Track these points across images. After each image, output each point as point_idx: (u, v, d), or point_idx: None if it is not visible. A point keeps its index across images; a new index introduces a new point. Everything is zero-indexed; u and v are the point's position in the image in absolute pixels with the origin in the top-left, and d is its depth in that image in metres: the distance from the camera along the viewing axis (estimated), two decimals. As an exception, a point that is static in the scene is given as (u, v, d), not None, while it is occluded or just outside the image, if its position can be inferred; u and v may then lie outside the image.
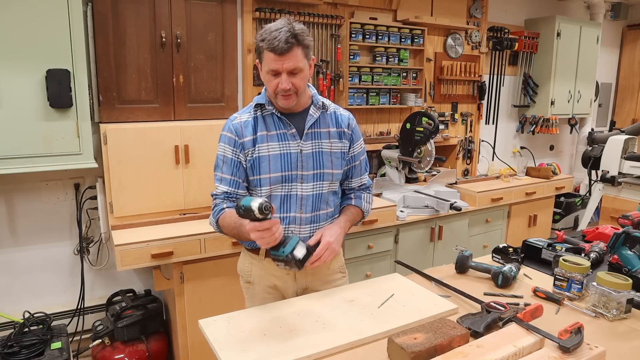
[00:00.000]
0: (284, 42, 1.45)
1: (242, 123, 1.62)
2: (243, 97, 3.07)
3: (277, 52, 1.46)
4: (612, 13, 5.09)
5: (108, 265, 2.85)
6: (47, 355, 2.25)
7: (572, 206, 4.44)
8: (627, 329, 1.41)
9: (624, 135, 4.03)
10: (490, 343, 1.19)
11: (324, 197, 1.66)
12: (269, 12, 2.99)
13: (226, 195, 1.62)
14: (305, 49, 1.52)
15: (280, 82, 1.51)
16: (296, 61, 1.49)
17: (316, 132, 1.65)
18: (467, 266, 1.81)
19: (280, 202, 1.62)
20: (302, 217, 1.64)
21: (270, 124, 1.62)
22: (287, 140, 1.61)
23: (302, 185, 1.62)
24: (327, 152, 1.65)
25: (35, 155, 2.20)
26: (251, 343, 1.26)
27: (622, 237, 1.74)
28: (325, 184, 1.65)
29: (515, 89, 4.62)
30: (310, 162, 1.62)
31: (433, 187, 3.48)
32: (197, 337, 2.35)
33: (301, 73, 1.53)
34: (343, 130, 1.69)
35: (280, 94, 1.53)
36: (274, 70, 1.50)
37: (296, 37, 1.47)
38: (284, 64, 1.48)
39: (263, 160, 1.59)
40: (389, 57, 3.53)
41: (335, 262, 1.77)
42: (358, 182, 1.80)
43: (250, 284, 1.75)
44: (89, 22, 2.41)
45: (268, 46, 1.47)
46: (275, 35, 1.45)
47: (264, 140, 1.60)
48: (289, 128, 1.61)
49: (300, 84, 1.54)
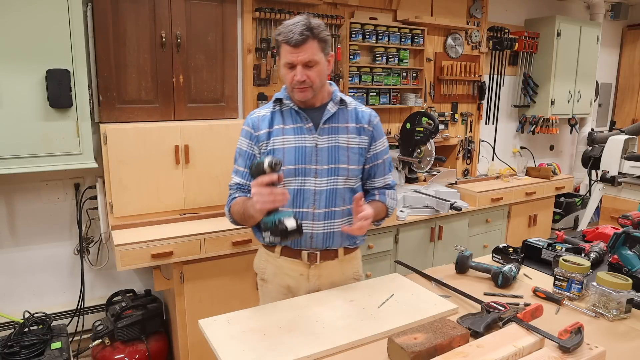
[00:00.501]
0: (298, 35, 1.48)
1: (260, 117, 1.65)
2: (243, 97, 3.07)
3: (291, 44, 1.49)
4: (612, 13, 5.09)
5: (108, 265, 2.85)
6: (47, 355, 2.25)
7: (572, 206, 4.44)
8: (627, 329, 1.41)
9: (624, 135, 4.03)
10: (490, 343, 1.19)
11: (339, 193, 1.65)
12: (269, 12, 2.99)
13: (239, 186, 1.68)
14: (321, 42, 1.53)
15: (295, 75, 1.52)
16: (311, 54, 1.50)
17: (333, 127, 1.64)
18: (467, 266, 1.81)
19: (293, 196, 1.61)
20: (315, 213, 1.63)
21: (288, 117, 1.64)
22: (303, 134, 1.62)
23: (316, 179, 1.61)
24: (343, 147, 1.64)
25: (35, 155, 2.20)
26: (251, 343, 1.26)
27: (622, 237, 1.74)
28: (340, 179, 1.64)
29: (515, 89, 4.62)
30: (325, 156, 1.62)
31: (433, 187, 3.48)
32: (197, 337, 2.35)
33: (317, 66, 1.54)
34: (363, 126, 1.68)
35: (295, 86, 1.55)
36: (289, 62, 1.53)
37: (311, 30, 1.49)
38: (298, 56, 1.50)
39: (277, 153, 1.61)
40: (389, 57, 3.53)
41: (351, 268, 1.76)
42: (382, 181, 1.77)
43: (264, 281, 1.76)
44: (89, 22, 2.41)
45: (283, 39, 1.50)
46: (291, 28, 1.49)
47: (279, 133, 1.62)
48: (306, 122, 1.62)
49: (316, 78, 1.55)
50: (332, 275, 1.70)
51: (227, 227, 2.45)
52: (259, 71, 3.07)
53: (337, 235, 1.67)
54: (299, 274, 1.68)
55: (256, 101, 3.09)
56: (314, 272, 1.68)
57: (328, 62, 1.60)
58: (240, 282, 2.54)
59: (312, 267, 1.67)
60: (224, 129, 2.66)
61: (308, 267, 1.67)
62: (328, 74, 1.63)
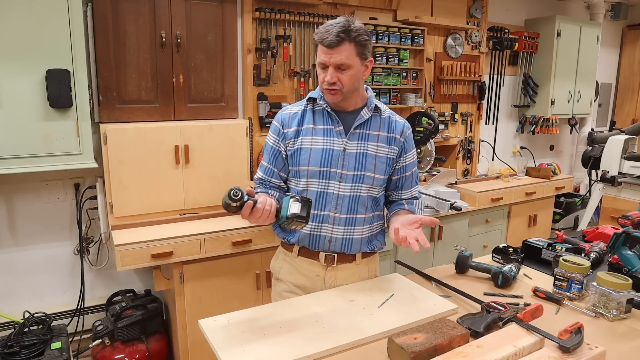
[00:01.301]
0: (334, 36, 1.45)
1: (291, 114, 1.64)
2: (243, 97, 3.07)
3: (325, 45, 1.47)
4: (612, 13, 5.09)
5: (108, 265, 2.85)
6: (47, 355, 2.25)
7: (572, 206, 4.44)
8: (627, 329, 1.41)
9: (624, 135, 4.03)
10: (490, 343, 1.19)
11: (362, 200, 1.62)
12: (269, 12, 2.99)
13: (261, 181, 1.68)
14: (358, 46, 1.49)
15: (326, 76, 1.51)
16: (344, 57, 1.48)
17: (364, 134, 1.61)
18: (467, 266, 1.81)
19: (316, 198, 1.60)
20: (336, 217, 1.61)
21: (319, 118, 1.62)
22: (332, 137, 1.59)
23: (340, 184, 1.59)
24: (372, 154, 1.61)
25: (35, 155, 2.20)
26: (251, 343, 1.26)
27: (622, 237, 1.74)
28: (364, 187, 1.61)
29: (515, 89, 4.62)
30: (352, 162, 1.59)
31: (433, 187, 3.48)
32: (197, 337, 2.36)
33: (349, 70, 1.50)
34: (395, 136, 1.65)
35: (325, 87, 1.53)
36: (322, 62, 1.51)
37: (348, 33, 1.46)
38: (331, 58, 1.48)
39: (304, 152, 1.59)
40: (389, 57, 3.53)
41: (367, 271, 1.75)
42: (408, 194, 1.74)
43: (278, 280, 1.76)
44: (89, 22, 2.41)
45: (319, 38, 1.49)
46: (329, 28, 1.47)
47: (308, 133, 1.60)
48: (337, 125, 1.60)
49: (347, 82, 1.52)
50: (349, 277, 1.69)
51: (227, 227, 2.45)
52: (259, 71, 3.07)
53: (356, 242, 1.65)
54: (315, 274, 1.67)
55: (256, 101, 3.09)
56: (331, 273, 1.67)
57: (365, 67, 1.56)
58: (240, 282, 2.54)
59: (329, 268, 1.66)
60: (224, 129, 2.66)
61: (325, 269, 1.67)
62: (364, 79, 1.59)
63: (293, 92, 3.22)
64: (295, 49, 3.16)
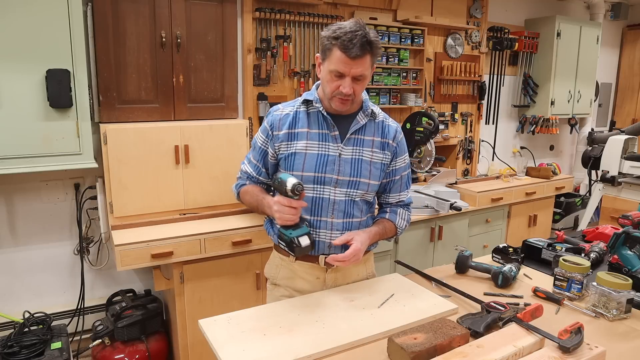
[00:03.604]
0: (359, 48, 1.41)
1: (282, 116, 1.60)
2: (243, 97, 3.07)
3: (350, 56, 1.42)
4: (612, 13, 5.09)
5: (108, 265, 2.85)
6: (47, 355, 2.25)
7: (572, 206, 4.44)
8: (627, 329, 1.41)
9: (624, 135, 4.03)
10: (490, 343, 1.19)
11: (356, 204, 1.61)
12: (269, 12, 2.99)
13: (248, 176, 1.70)
14: (374, 57, 1.49)
15: (342, 86, 1.47)
16: (364, 68, 1.46)
17: (359, 139, 1.59)
18: (467, 266, 1.81)
19: (311, 204, 1.58)
20: (333, 222, 1.60)
21: (314, 121, 1.58)
22: (328, 142, 1.57)
23: (334, 189, 1.58)
24: (367, 160, 1.59)
25: (35, 155, 2.20)
26: (251, 343, 1.26)
27: (622, 237, 1.74)
28: (359, 192, 1.60)
29: (515, 89, 4.62)
30: (347, 168, 1.57)
31: (433, 187, 3.47)
32: (197, 337, 2.36)
33: (364, 80, 1.50)
34: (388, 141, 1.63)
35: (338, 96, 1.49)
36: (340, 72, 1.45)
37: (371, 45, 1.45)
38: (352, 69, 1.44)
39: (298, 157, 1.56)
40: (389, 57, 3.53)
41: (365, 270, 1.74)
42: (396, 197, 1.73)
43: (275, 286, 1.73)
44: (89, 22, 2.41)
45: (342, 46, 1.42)
46: (351, 37, 1.41)
47: (303, 137, 1.57)
48: (332, 130, 1.57)
49: (360, 91, 1.52)
50: (348, 277, 1.69)
51: (227, 227, 2.46)
52: (259, 71, 3.07)
53: None
54: (315, 277, 1.66)
55: (256, 101, 3.09)
56: (331, 275, 1.66)
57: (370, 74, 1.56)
58: (240, 282, 2.54)
59: (329, 270, 1.65)
60: (224, 129, 2.66)
61: (325, 271, 1.65)
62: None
63: (293, 92, 3.22)
64: (295, 49, 3.16)
